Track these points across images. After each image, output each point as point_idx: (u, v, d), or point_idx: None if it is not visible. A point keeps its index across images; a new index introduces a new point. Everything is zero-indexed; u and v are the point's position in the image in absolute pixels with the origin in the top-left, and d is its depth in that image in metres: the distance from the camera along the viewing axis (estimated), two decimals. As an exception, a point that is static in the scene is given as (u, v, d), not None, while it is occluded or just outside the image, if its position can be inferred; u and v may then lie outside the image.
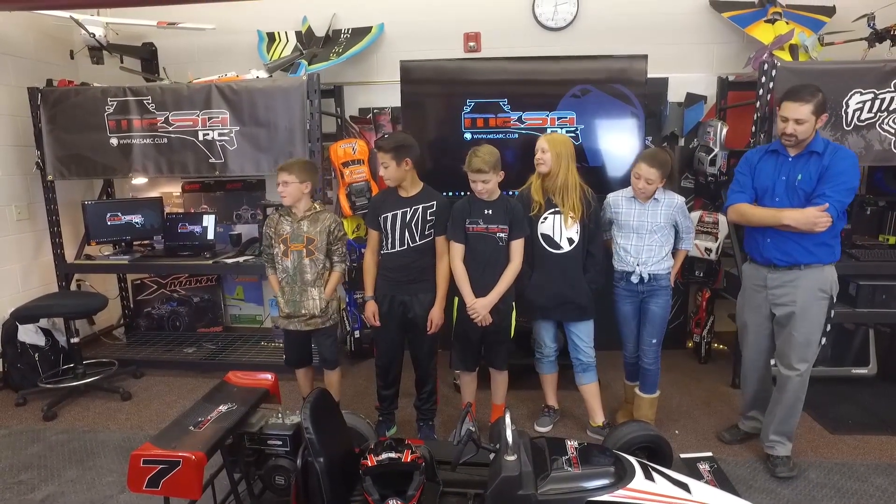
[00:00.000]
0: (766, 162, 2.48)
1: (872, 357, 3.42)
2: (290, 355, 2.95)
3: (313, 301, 2.79)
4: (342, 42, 3.89)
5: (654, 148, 2.74)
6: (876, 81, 3.06)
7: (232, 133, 3.52)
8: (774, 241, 2.43)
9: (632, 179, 2.70)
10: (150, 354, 3.99)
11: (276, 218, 2.84)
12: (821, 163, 2.33)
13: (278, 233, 2.81)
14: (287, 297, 2.81)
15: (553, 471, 1.86)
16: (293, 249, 2.78)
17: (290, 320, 2.83)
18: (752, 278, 2.59)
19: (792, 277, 2.43)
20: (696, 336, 3.88)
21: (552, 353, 2.91)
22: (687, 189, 3.83)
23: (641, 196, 2.69)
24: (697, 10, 3.76)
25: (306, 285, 2.79)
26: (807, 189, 2.35)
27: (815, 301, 2.42)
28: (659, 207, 2.69)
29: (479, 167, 2.54)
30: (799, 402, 2.53)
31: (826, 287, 2.42)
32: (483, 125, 3.47)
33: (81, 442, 2.94)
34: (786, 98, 2.35)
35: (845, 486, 2.47)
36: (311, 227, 2.79)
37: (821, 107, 2.32)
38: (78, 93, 3.63)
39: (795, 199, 2.38)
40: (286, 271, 2.80)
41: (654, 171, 2.60)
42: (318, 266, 2.80)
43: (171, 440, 1.95)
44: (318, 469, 1.87)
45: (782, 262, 2.43)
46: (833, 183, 2.29)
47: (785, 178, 2.41)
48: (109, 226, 3.92)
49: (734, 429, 2.86)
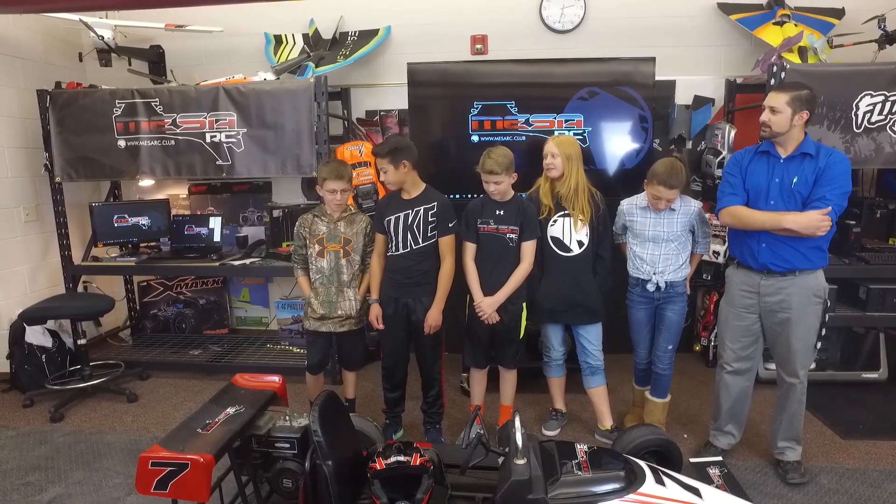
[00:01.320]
0: (757, 163, 2.40)
1: (883, 361, 3.39)
2: (314, 360, 2.92)
3: (349, 302, 2.80)
4: (349, 44, 3.90)
5: (667, 161, 2.57)
6: (886, 83, 3.04)
7: (239, 135, 3.53)
8: (770, 246, 2.35)
9: (650, 199, 2.63)
10: (156, 356, 3.99)
11: (309, 218, 2.84)
12: (816, 165, 2.28)
13: (313, 233, 2.81)
14: (322, 298, 2.81)
15: (563, 475, 1.85)
16: (330, 250, 2.79)
17: (322, 322, 2.81)
18: (742, 284, 2.49)
19: (786, 284, 2.37)
20: (703, 339, 3.85)
21: (560, 356, 2.90)
22: (695, 192, 3.81)
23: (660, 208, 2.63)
24: (705, 12, 3.75)
25: (343, 286, 2.80)
26: (804, 192, 2.28)
27: (810, 307, 2.38)
28: (675, 216, 2.63)
29: (492, 168, 2.55)
30: (802, 406, 2.50)
31: (819, 292, 2.39)
32: (490, 127, 3.46)
33: (88, 444, 2.94)
34: (771, 89, 2.33)
35: (858, 491, 2.45)
36: (347, 228, 2.81)
37: (801, 102, 2.26)
38: (86, 95, 3.64)
39: (792, 203, 2.30)
40: (321, 272, 2.81)
41: (674, 192, 2.54)
42: (354, 267, 2.82)
43: (180, 442, 1.94)
44: (326, 472, 1.86)
45: (778, 268, 2.36)
46: (831, 186, 2.24)
47: (779, 180, 2.33)
48: (116, 228, 3.93)
49: (710, 447, 2.69)
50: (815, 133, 3.08)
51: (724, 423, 2.66)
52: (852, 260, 3.31)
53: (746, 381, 2.60)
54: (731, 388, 2.60)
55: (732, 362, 2.57)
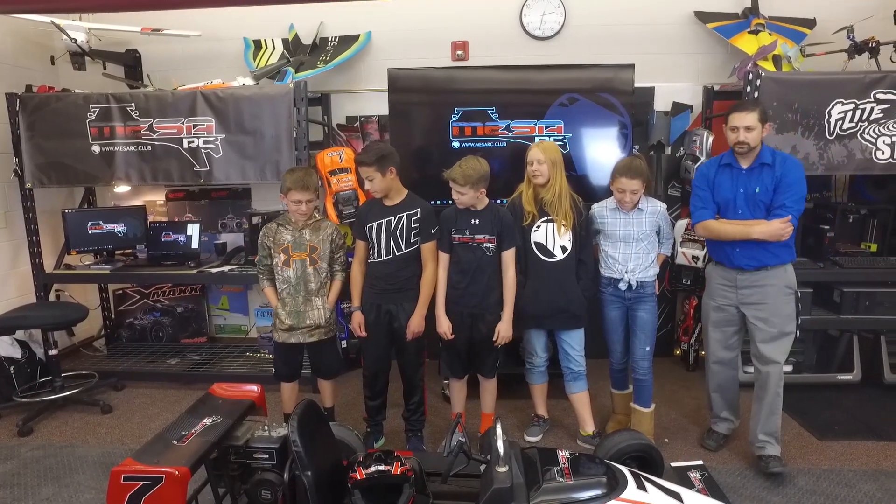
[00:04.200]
0: (722, 175, 2.61)
1: (857, 363, 3.45)
2: (282, 370, 2.87)
3: (318, 311, 2.75)
4: (329, 50, 3.88)
5: (626, 158, 2.81)
6: (857, 92, 3.12)
7: (217, 141, 3.48)
8: (743, 250, 2.58)
9: (615, 194, 2.73)
10: (131, 366, 3.90)
11: (273, 227, 2.79)
12: (773, 174, 2.50)
13: (278, 242, 2.75)
14: (289, 308, 2.75)
15: (545, 482, 1.84)
16: (296, 258, 2.74)
17: (291, 333, 2.76)
18: (721, 278, 2.70)
19: (760, 278, 2.58)
20: (683, 344, 3.89)
21: (543, 362, 2.90)
22: (674, 198, 3.86)
23: (627, 207, 2.71)
24: (683, 20, 3.81)
25: (310, 295, 2.75)
26: (766, 200, 2.52)
27: (783, 297, 2.59)
28: (643, 216, 2.72)
29: (455, 178, 2.54)
30: (779, 398, 2.61)
31: (790, 284, 2.60)
32: (471, 134, 3.47)
33: (58, 458, 2.85)
34: (733, 111, 2.55)
35: (834, 492, 2.48)
36: (313, 236, 2.76)
37: (765, 115, 2.54)
38: (59, 99, 3.56)
39: (757, 211, 2.54)
40: (287, 281, 2.75)
41: (636, 181, 2.64)
42: (321, 275, 2.77)
43: (154, 455, 1.89)
44: (305, 483, 1.82)
45: (750, 266, 2.58)
46: (789, 193, 2.48)
47: (743, 190, 2.55)
48: (90, 235, 3.84)
49: (713, 433, 2.88)
50: (789, 140, 3.15)
51: (719, 409, 2.86)
52: (827, 264, 3.38)
53: (732, 369, 2.81)
54: (719, 379, 2.80)
55: (718, 352, 2.76)
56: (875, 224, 3.56)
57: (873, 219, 3.55)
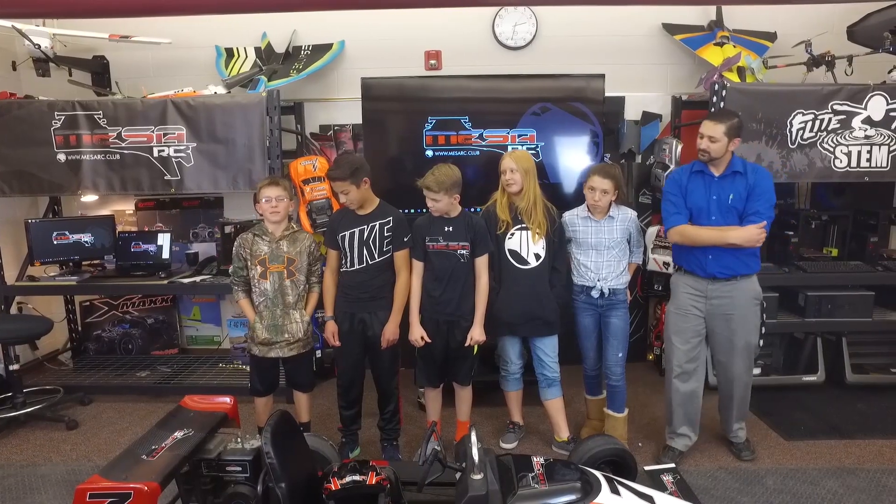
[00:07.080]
0: (694, 182, 2.64)
1: (821, 364, 3.56)
2: (258, 384, 2.81)
3: (296, 324, 2.72)
4: (302, 59, 3.86)
5: (603, 163, 2.90)
6: (816, 103, 3.24)
7: (189, 150, 3.43)
8: (716, 257, 2.58)
9: (586, 193, 2.76)
10: (99, 380, 3.78)
11: (249, 238, 2.73)
12: (746, 181, 2.55)
13: (254, 254, 2.70)
14: (267, 321, 2.69)
15: (520, 488, 1.86)
16: (273, 271, 2.69)
17: (269, 347, 2.71)
18: (689, 288, 2.69)
19: (730, 288, 2.61)
20: (656, 349, 3.96)
21: (518, 369, 2.92)
22: (644, 205, 3.94)
23: (597, 211, 2.75)
24: (651, 32, 3.90)
25: (288, 308, 2.71)
26: (739, 207, 2.55)
27: (751, 307, 2.65)
28: (614, 223, 2.76)
29: (429, 185, 2.56)
30: (748, 389, 2.75)
31: (758, 294, 2.66)
32: (445, 142, 3.49)
33: (19, 477, 2.74)
34: (706, 118, 2.59)
35: (800, 490, 2.55)
36: (291, 248, 2.72)
37: (735, 130, 2.53)
38: (21, 106, 3.47)
39: (730, 218, 2.56)
40: (265, 294, 2.71)
41: (607, 181, 2.67)
42: (299, 288, 2.73)
43: (122, 471, 1.84)
44: (279, 495, 1.80)
45: (723, 275, 2.59)
46: (762, 200, 2.52)
47: (716, 197, 2.58)
48: (55, 245, 3.73)
49: (669, 450, 2.78)
50: (754, 149, 3.25)
51: (677, 425, 2.78)
52: (791, 269, 3.48)
53: (696, 382, 2.74)
54: (682, 391, 2.74)
55: (682, 364, 2.72)
56: (835, 230, 3.69)
57: (834, 225, 3.69)
